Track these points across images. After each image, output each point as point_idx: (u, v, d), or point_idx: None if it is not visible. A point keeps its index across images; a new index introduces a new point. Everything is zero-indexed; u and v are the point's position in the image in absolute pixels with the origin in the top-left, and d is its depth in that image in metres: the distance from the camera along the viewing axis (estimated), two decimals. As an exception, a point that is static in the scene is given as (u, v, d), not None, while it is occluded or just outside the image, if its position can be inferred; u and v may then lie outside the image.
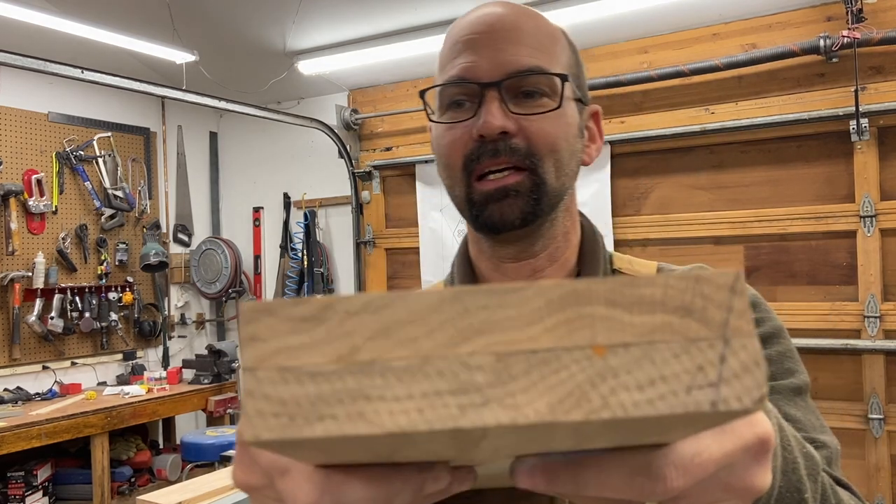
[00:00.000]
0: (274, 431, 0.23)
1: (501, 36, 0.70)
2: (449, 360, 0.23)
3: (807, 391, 0.69)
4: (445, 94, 0.72)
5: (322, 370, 0.23)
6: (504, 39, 0.70)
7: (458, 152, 0.71)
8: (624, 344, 0.23)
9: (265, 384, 0.23)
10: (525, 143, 0.69)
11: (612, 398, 0.23)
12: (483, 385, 0.23)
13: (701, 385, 0.23)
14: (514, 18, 0.71)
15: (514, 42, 0.70)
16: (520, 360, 0.23)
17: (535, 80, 0.69)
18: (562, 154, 0.71)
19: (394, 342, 0.24)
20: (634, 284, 0.24)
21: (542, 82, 0.70)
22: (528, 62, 0.69)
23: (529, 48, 0.70)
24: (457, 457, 0.30)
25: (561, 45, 0.74)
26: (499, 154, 0.68)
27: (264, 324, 0.24)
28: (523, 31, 0.71)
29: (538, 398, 0.23)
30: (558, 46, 0.74)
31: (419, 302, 0.24)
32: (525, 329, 0.24)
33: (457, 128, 0.71)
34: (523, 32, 0.71)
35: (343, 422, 0.23)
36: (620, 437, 0.27)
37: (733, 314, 0.23)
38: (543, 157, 0.69)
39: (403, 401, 0.23)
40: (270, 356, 0.24)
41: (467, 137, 0.70)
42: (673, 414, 0.22)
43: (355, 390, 0.23)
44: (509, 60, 0.69)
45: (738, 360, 0.23)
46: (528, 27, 0.71)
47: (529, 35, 0.71)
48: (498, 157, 0.68)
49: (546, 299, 0.24)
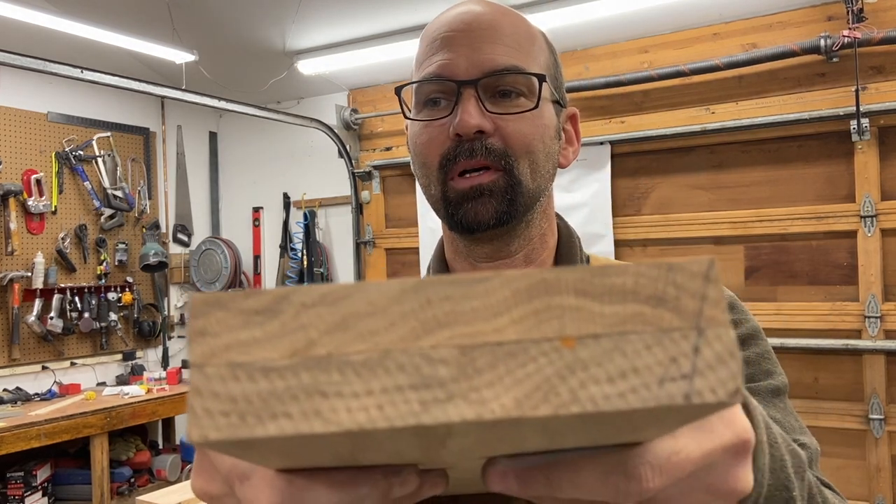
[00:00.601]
0: (223, 431, 0.22)
1: (479, 35, 0.70)
2: (410, 353, 0.22)
3: (785, 392, 0.69)
4: (422, 91, 0.72)
5: (275, 366, 0.22)
6: (481, 38, 0.69)
7: (434, 151, 0.70)
8: (594, 335, 0.22)
9: (214, 381, 0.22)
10: (501, 142, 0.68)
11: (581, 392, 0.22)
12: (446, 379, 0.22)
13: (674, 377, 0.22)
14: (492, 17, 0.71)
15: (491, 41, 0.69)
16: (485, 353, 0.22)
17: (512, 80, 0.69)
18: (537, 155, 0.70)
19: (352, 335, 0.22)
20: (605, 273, 0.23)
21: (520, 82, 0.69)
22: (506, 61, 0.69)
23: (507, 47, 0.70)
24: (425, 458, 0.29)
25: (539, 46, 0.74)
26: (475, 153, 0.68)
27: (214, 317, 0.23)
28: (501, 30, 0.70)
29: (504, 393, 0.22)
30: (536, 47, 0.73)
31: (379, 293, 0.23)
32: (491, 321, 0.22)
33: (433, 126, 0.71)
34: (501, 32, 0.70)
35: (298, 420, 0.22)
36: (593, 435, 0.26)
37: (707, 303, 0.22)
38: (519, 158, 0.69)
39: (362, 397, 0.22)
40: (220, 352, 0.22)
41: (444, 136, 0.69)
42: (645, 407, 0.22)
43: (311, 386, 0.22)
44: (486, 59, 0.69)
45: (713, 351, 0.22)
46: (505, 27, 0.71)
47: (507, 35, 0.70)
48: (474, 157, 0.68)
49: (513, 289, 0.23)
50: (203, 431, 0.22)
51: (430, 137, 0.71)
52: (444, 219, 0.73)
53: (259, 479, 0.30)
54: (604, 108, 3.52)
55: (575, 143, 0.80)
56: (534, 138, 0.70)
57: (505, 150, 0.68)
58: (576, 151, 0.80)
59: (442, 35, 0.71)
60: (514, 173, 0.69)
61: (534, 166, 0.70)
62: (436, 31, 0.72)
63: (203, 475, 0.36)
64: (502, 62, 0.69)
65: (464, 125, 0.67)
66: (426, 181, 0.73)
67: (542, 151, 0.71)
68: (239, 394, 0.22)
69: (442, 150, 0.69)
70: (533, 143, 0.70)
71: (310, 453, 0.26)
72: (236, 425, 0.22)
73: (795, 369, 3.08)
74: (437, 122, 0.70)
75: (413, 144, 0.74)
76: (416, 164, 0.74)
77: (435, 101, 0.71)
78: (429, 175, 0.72)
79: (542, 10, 3.22)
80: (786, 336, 3.08)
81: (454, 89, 0.69)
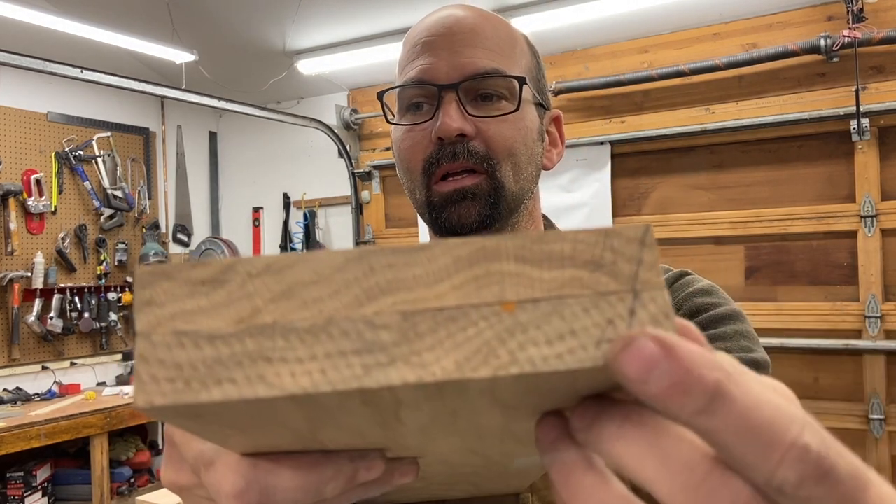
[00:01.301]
0: (168, 397, 0.22)
1: (459, 39, 0.70)
2: (353, 320, 0.23)
3: (766, 368, 0.67)
4: (404, 96, 0.73)
5: (221, 333, 0.23)
6: (462, 42, 0.70)
7: (417, 155, 0.71)
8: (533, 299, 0.23)
9: (160, 349, 0.22)
10: (483, 146, 0.69)
11: (520, 353, 0.22)
12: (388, 344, 0.22)
13: (611, 338, 0.22)
14: (473, 21, 0.72)
15: (472, 45, 0.70)
16: (426, 318, 0.23)
17: (492, 83, 0.70)
18: (520, 158, 0.71)
19: (297, 303, 0.23)
20: (544, 240, 0.23)
21: (500, 85, 0.70)
22: (486, 65, 0.69)
23: (488, 51, 0.70)
24: (386, 439, 0.29)
25: (520, 49, 0.74)
26: (457, 157, 0.69)
27: (161, 287, 0.23)
28: (482, 34, 0.71)
29: (445, 356, 0.22)
30: (517, 50, 0.74)
31: (323, 262, 0.23)
32: (432, 287, 0.23)
33: (416, 130, 0.71)
34: (482, 35, 0.71)
35: (242, 385, 0.22)
36: (543, 404, 0.26)
37: (643, 267, 0.23)
38: (501, 161, 0.70)
39: (306, 362, 0.22)
40: (166, 320, 0.23)
41: (426, 140, 0.70)
42: (582, 367, 0.22)
43: (255, 352, 0.22)
44: (467, 63, 0.69)
45: (648, 313, 0.22)
46: (486, 30, 0.71)
47: (488, 38, 0.71)
48: (456, 160, 0.69)
49: (454, 257, 0.23)
50: (149, 397, 0.22)
51: (414, 142, 0.71)
52: (428, 223, 0.74)
53: (223, 465, 0.30)
54: (604, 108, 3.52)
55: (559, 145, 0.81)
56: (515, 141, 0.70)
57: (487, 153, 0.69)
58: (560, 153, 0.80)
59: (423, 40, 0.71)
60: (496, 176, 0.69)
61: (516, 169, 0.71)
62: (417, 36, 0.72)
63: (172, 466, 0.36)
64: (483, 65, 0.69)
65: (445, 128, 0.68)
66: (411, 185, 0.74)
67: (525, 154, 0.72)
68: (184, 360, 0.22)
69: (425, 155, 0.70)
70: (515, 146, 0.70)
71: (267, 429, 0.26)
72: (181, 391, 0.22)
73: (795, 369, 3.08)
74: (419, 127, 0.71)
75: (397, 149, 0.74)
76: (401, 169, 0.75)
77: (417, 105, 0.72)
78: (413, 179, 0.73)
79: (542, 10, 3.22)
80: (786, 336, 3.08)
81: (435, 93, 0.70)
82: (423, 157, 0.70)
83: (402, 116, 0.74)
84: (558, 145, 0.80)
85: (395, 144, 0.75)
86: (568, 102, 3.52)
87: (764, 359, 0.68)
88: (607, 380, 0.23)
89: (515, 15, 3.24)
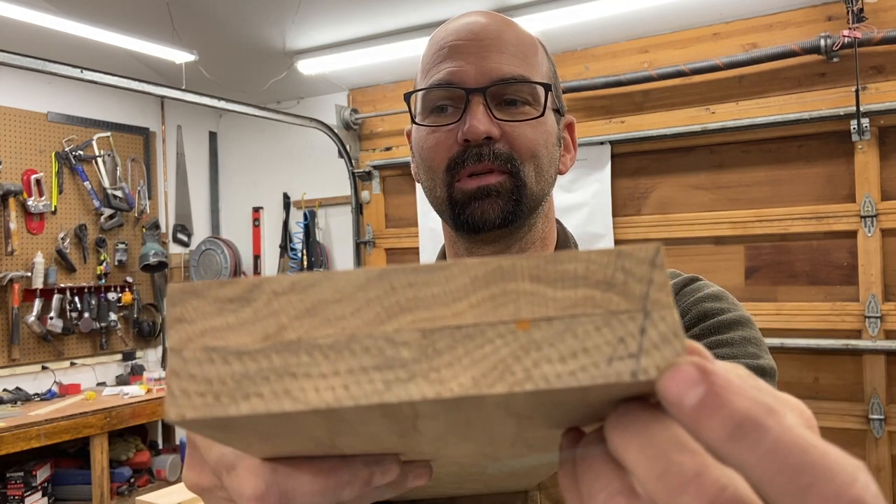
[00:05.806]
0: (199, 410, 0.23)
1: (486, 44, 0.72)
2: (375, 337, 0.24)
3: (772, 375, 0.68)
4: (430, 97, 0.74)
5: (248, 349, 0.24)
6: (489, 48, 0.72)
7: (441, 155, 0.72)
8: (547, 318, 0.23)
9: (191, 364, 0.23)
10: (508, 148, 0.71)
11: (535, 370, 0.23)
12: (408, 361, 0.23)
13: (622, 356, 0.23)
14: (498, 28, 0.74)
15: (498, 51, 0.72)
16: (445, 335, 0.23)
17: (518, 89, 0.72)
18: (542, 160, 0.73)
19: (320, 320, 0.24)
20: (558, 260, 0.24)
21: (525, 91, 0.72)
22: (512, 71, 0.72)
23: (513, 57, 0.72)
24: (403, 446, 0.30)
25: (541, 56, 0.77)
26: (482, 158, 0.70)
27: (191, 305, 0.24)
28: (507, 41, 0.73)
29: (463, 372, 0.23)
30: (538, 57, 0.76)
31: (346, 281, 0.24)
32: (450, 305, 0.24)
33: (440, 131, 0.73)
34: (507, 42, 0.73)
35: (269, 399, 0.23)
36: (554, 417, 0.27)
37: (653, 287, 0.24)
38: (525, 162, 0.72)
39: (329, 377, 0.23)
40: (197, 337, 0.24)
41: (451, 141, 0.72)
42: (594, 384, 0.23)
43: (281, 368, 0.23)
44: (494, 68, 0.71)
45: (658, 332, 0.23)
46: (510, 37, 0.74)
47: (512, 45, 0.73)
48: (481, 162, 0.70)
49: (471, 276, 0.24)
50: (180, 410, 0.23)
51: (438, 142, 0.73)
52: (449, 220, 0.75)
53: (244, 469, 0.31)
54: (604, 108, 3.52)
55: (572, 151, 0.83)
56: (538, 144, 0.72)
57: (511, 155, 0.71)
58: (573, 158, 0.83)
59: (450, 43, 0.73)
60: (520, 176, 0.71)
61: (538, 170, 0.73)
62: (443, 39, 0.74)
63: (194, 468, 0.37)
64: (509, 71, 0.71)
65: (473, 131, 0.69)
66: (431, 184, 0.75)
67: (546, 157, 0.74)
68: (214, 376, 0.23)
69: (449, 155, 0.72)
70: (538, 149, 0.72)
71: (288, 437, 0.27)
72: (211, 405, 0.23)
73: (795, 369, 3.08)
74: (444, 128, 0.72)
75: (419, 148, 0.75)
76: (422, 168, 0.76)
77: (442, 107, 0.73)
78: (434, 178, 0.74)
79: (542, 10, 3.22)
80: (786, 336, 3.08)
81: (463, 96, 0.71)
82: (448, 156, 0.72)
83: (425, 117, 0.75)
84: (571, 150, 0.83)
85: (416, 144, 0.77)
86: (568, 102, 3.49)
87: (770, 366, 0.68)
88: (618, 393, 0.24)
89: (516, 15, 3.24)
